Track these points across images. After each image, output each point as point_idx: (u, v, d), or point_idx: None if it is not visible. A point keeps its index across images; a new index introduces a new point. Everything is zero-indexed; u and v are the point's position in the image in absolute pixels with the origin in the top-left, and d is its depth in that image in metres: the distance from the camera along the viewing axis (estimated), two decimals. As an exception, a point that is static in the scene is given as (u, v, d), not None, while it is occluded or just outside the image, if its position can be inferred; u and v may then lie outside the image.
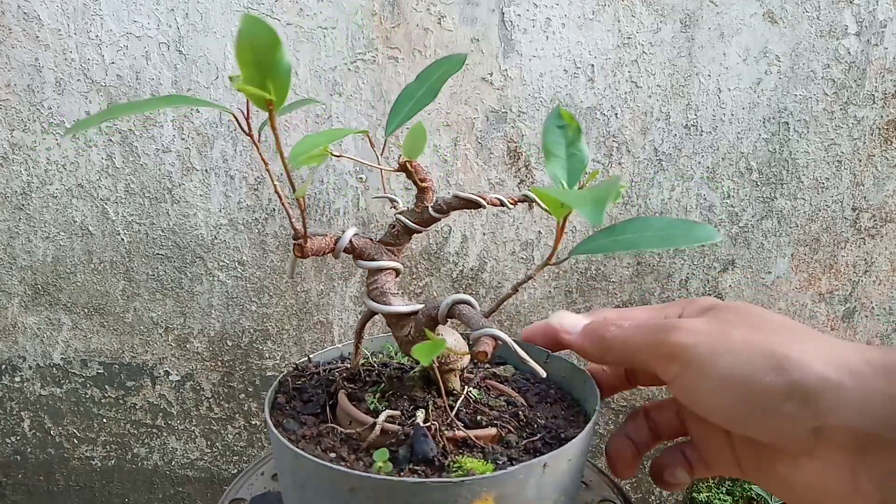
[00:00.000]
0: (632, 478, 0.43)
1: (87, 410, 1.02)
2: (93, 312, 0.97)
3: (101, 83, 0.87)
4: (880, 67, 0.85)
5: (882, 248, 0.91)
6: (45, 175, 0.91)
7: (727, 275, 0.93)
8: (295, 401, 0.42)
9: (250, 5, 0.84)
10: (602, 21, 0.84)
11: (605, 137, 0.88)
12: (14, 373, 1.01)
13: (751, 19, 0.83)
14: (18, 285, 0.96)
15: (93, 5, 0.84)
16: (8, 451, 1.06)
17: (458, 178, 0.90)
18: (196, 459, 1.05)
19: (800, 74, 0.85)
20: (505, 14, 0.84)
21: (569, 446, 0.33)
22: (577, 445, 0.34)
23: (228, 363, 0.99)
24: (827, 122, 0.87)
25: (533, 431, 0.38)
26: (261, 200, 0.92)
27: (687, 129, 0.88)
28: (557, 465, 0.33)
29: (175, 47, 0.86)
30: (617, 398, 0.99)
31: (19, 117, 0.89)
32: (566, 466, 0.34)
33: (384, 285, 0.39)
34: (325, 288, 0.95)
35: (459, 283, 0.94)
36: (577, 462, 0.35)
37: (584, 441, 0.35)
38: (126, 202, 0.92)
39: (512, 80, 0.86)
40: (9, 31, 0.85)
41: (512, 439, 0.36)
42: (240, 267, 0.94)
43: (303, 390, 0.44)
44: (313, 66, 0.86)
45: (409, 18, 0.85)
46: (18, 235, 0.94)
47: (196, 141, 0.89)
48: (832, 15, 0.83)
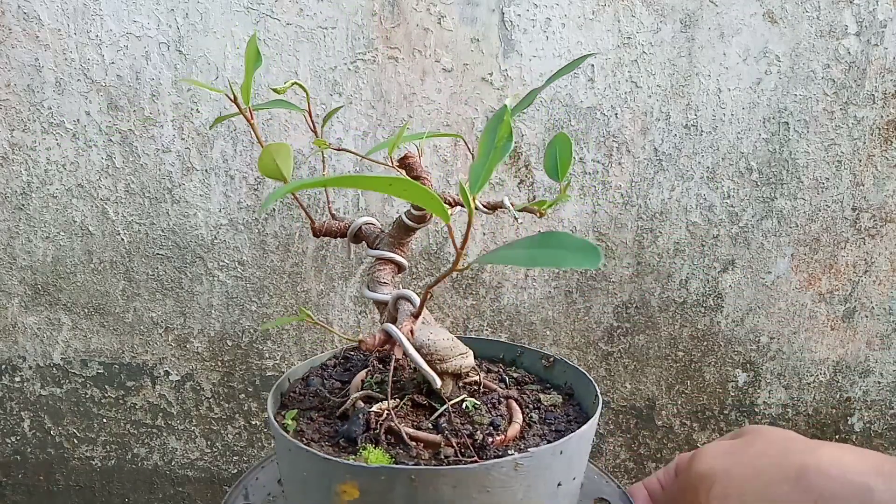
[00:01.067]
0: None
1: (87, 410, 1.02)
2: (93, 312, 0.97)
3: (101, 83, 0.87)
4: (880, 67, 0.85)
5: (882, 248, 0.91)
6: (45, 175, 0.91)
7: (727, 275, 0.93)
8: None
9: (250, 5, 0.84)
10: (602, 21, 0.84)
11: (605, 137, 0.88)
12: (14, 373, 1.01)
13: (751, 19, 0.83)
14: (18, 285, 0.96)
15: (93, 5, 0.84)
16: (8, 451, 1.06)
17: (459, 178, 0.90)
18: (196, 459, 1.05)
19: (800, 74, 0.85)
20: (505, 14, 0.84)
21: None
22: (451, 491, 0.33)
23: (228, 363, 0.99)
24: (827, 122, 0.87)
25: (474, 458, 0.36)
26: (261, 200, 0.92)
27: (687, 129, 0.88)
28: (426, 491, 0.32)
29: (175, 47, 0.86)
30: (616, 398, 0.99)
31: (19, 117, 0.89)
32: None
33: (379, 275, 0.40)
34: (325, 288, 0.95)
35: (459, 284, 0.94)
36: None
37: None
38: (126, 202, 0.92)
39: (512, 80, 0.86)
40: (9, 31, 0.85)
41: (446, 452, 0.36)
42: (240, 267, 0.94)
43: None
44: (313, 66, 0.86)
45: (409, 18, 0.85)
46: (18, 235, 0.94)
47: (196, 141, 0.89)
48: (832, 15, 0.83)
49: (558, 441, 0.35)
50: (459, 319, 0.96)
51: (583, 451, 0.38)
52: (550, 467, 0.34)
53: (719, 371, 0.98)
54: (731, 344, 0.97)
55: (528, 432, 0.40)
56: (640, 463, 1.03)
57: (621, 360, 0.98)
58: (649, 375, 0.98)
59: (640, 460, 1.03)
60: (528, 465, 0.33)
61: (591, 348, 0.97)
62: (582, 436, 0.36)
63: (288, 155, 0.29)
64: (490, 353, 0.52)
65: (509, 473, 0.32)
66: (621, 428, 1.01)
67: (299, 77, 0.86)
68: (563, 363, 0.46)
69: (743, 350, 0.97)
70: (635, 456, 1.03)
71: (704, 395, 0.99)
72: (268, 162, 0.29)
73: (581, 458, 0.38)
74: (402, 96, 0.87)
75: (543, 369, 0.47)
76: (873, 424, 1.01)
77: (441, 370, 0.40)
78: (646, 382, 0.99)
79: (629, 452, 1.03)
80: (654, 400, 1.00)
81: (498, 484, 0.32)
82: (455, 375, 0.41)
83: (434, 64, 0.86)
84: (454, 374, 0.40)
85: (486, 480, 0.32)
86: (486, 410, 0.40)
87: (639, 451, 1.03)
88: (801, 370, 0.98)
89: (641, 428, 1.01)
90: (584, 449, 0.38)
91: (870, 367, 0.98)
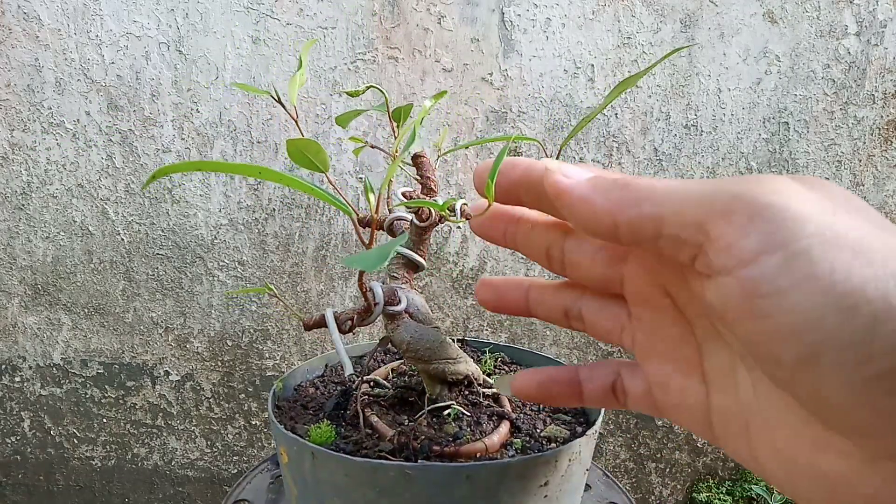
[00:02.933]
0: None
1: (87, 410, 1.02)
2: (93, 312, 0.97)
3: (101, 83, 0.87)
4: (880, 67, 0.85)
5: (882, 248, 0.91)
6: (45, 175, 0.91)
7: (727, 275, 0.93)
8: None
9: (250, 5, 0.84)
10: (602, 21, 0.84)
11: (605, 137, 0.88)
12: (14, 373, 1.01)
13: (751, 19, 0.83)
14: (18, 285, 0.96)
15: (93, 5, 0.84)
16: (8, 451, 1.06)
17: (459, 178, 0.90)
18: (196, 459, 1.05)
19: (800, 74, 0.85)
20: (505, 14, 0.84)
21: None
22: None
23: (228, 363, 0.99)
24: (827, 122, 0.87)
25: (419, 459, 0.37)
26: (261, 200, 0.92)
27: (687, 129, 0.88)
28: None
29: (175, 47, 0.86)
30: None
31: (19, 117, 0.89)
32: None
33: (392, 269, 0.42)
34: (325, 288, 0.95)
35: (459, 283, 0.94)
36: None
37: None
38: (126, 202, 0.92)
39: (512, 80, 0.86)
40: (9, 31, 0.85)
41: (384, 447, 0.37)
42: (240, 267, 0.94)
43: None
44: (313, 65, 0.86)
45: (409, 18, 0.85)
46: (18, 235, 0.94)
47: (196, 141, 0.89)
48: (832, 15, 0.83)
49: (463, 464, 0.34)
50: (459, 319, 0.96)
51: (507, 488, 0.35)
52: (451, 489, 0.33)
53: (719, 371, 0.98)
54: (731, 344, 0.97)
55: (498, 454, 0.38)
56: (640, 463, 1.03)
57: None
58: (649, 375, 0.98)
59: (640, 460, 1.03)
60: (420, 477, 0.33)
61: (591, 348, 0.97)
62: (502, 469, 0.34)
63: (319, 149, 0.30)
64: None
65: (398, 479, 0.33)
66: (621, 428, 1.01)
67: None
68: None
69: (743, 350, 0.97)
70: (635, 456, 1.03)
71: (704, 395, 0.99)
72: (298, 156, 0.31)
73: (505, 495, 0.35)
74: (403, 96, 0.87)
75: None
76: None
77: (424, 371, 0.40)
78: (646, 382, 0.99)
79: (629, 452, 1.03)
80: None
81: (387, 486, 0.34)
82: (443, 380, 0.40)
83: (434, 64, 0.86)
84: (440, 378, 0.40)
85: (375, 479, 0.34)
86: (468, 423, 0.39)
87: (639, 451, 1.03)
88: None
89: (641, 428, 1.01)
90: (508, 486, 0.34)
91: (870, 367, 0.98)
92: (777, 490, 0.22)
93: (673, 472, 1.04)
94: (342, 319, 0.37)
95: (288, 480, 0.39)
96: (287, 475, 0.39)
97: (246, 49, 0.85)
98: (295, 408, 0.43)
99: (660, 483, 1.05)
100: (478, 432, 0.39)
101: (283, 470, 0.39)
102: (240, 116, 0.88)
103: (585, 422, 0.43)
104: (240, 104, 0.88)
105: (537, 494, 0.36)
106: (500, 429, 0.39)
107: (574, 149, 0.89)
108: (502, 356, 0.53)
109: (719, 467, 1.03)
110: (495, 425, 0.40)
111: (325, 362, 0.51)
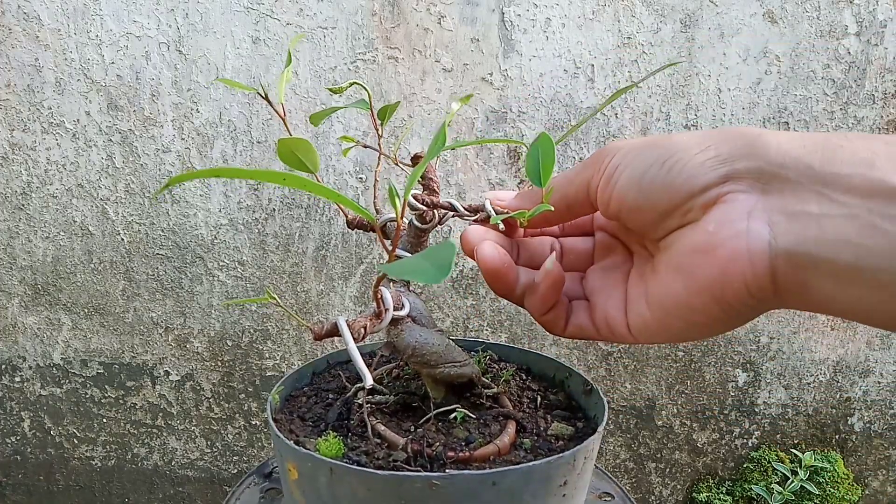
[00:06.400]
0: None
1: (87, 410, 1.02)
2: (93, 312, 0.97)
3: (101, 83, 0.87)
4: (880, 67, 0.85)
5: (882, 248, 0.91)
6: (45, 175, 0.91)
7: (727, 275, 0.93)
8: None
9: (250, 5, 0.84)
10: (602, 21, 0.84)
11: (605, 137, 0.88)
12: (14, 373, 1.01)
13: (751, 19, 0.83)
14: (18, 285, 0.96)
15: (93, 5, 0.84)
16: (8, 451, 1.06)
17: (459, 178, 0.90)
18: (196, 459, 1.05)
19: (800, 74, 0.85)
20: (505, 14, 0.84)
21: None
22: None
23: (228, 363, 0.99)
24: (827, 122, 0.87)
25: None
26: (261, 200, 0.92)
27: (687, 129, 0.87)
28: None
29: (175, 47, 0.86)
30: (616, 398, 0.99)
31: (19, 117, 0.89)
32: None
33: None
34: (325, 288, 0.95)
35: (459, 283, 0.94)
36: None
37: None
38: (126, 202, 0.92)
39: (512, 80, 0.86)
40: (9, 31, 0.85)
41: (398, 456, 0.37)
42: (240, 267, 0.94)
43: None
44: (313, 65, 0.86)
45: (409, 18, 0.85)
46: (18, 235, 0.94)
47: (196, 141, 0.89)
48: (832, 15, 0.83)
49: (492, 471, 0.33)
50: (459, 319, 0.96)
51: (531, 491, 0.35)
52: (478, 496, 0.33)
53: (719, 371, 0.98)
54: (731, 344, 0.97)
55: (510, 455, 0.38)
56: (640, 463, 1.03)
57: (621, 360, 0.98)
58: (649, 375, 0.98)
59: (640, 460, 1.03)
60: (447, 487, 0.32)
61: (591, 348, 0.97)
62: (527, 473, 0.34)
63: (309, 147, 0.29)
64: (542, 370, 0.51)
65: (424, 490, 0.32)
66: (621, 428, 1.01)
67: (299, 76, 0.86)
68: (597, 394, 0.44)
69: (743, 350, 0.97)
70: (635, 456, 1.03)
71: (704, 394, 0.99)
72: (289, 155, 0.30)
73: (529, 497, 0.35)
74: (403, 96, 0.87)
75: (584, 396, 0.45)
76: (873, 424, 1.01)
77: (429, 375, 0.40)
78: (646, 382, 0.99)
79: (629, 452, 1.03)
80: (654, 400, 1.00)
81: (412, 498, 0.32)
82: (448, 384, 0.40)
83: (434, 64, 0.86)
84: (445, 381, 0.40)
85: (399, 491, 0.33)
86: (476, 426, 0.39)
87: (639, 451, 1.03)
88: (801, 370, 0.98)
89: (641, 428, 1.01)
90: (532, 489, 0.35)
91: (870, 367, 0.98)
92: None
93: (673, 472, 1.04)
94: (356, 327, 0.35)
95: (296, 496, 0.38)
96: (295, 491, 0.37)
97: (246, 49, 0.85)
98: (293, 420, 0.42)
99: (660, 483, 1.05)
100: (486, 434, 0.39)
101: (290, 486, 0.38)
102: (240, 116, 0.88)
103: (583, 416, 0.44)
104: (240, 104, 0.88)
105: (557, 494, 0.36)
106: (508, 429, 0.39)
107: (574, 149, 0.89)
108: (491, 354, 0.52)
109: (719, 467, 1.04)
110: (502, 426, 0.40)
111: (312, 370, 0.50)
